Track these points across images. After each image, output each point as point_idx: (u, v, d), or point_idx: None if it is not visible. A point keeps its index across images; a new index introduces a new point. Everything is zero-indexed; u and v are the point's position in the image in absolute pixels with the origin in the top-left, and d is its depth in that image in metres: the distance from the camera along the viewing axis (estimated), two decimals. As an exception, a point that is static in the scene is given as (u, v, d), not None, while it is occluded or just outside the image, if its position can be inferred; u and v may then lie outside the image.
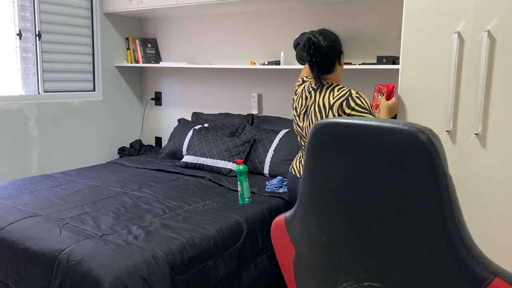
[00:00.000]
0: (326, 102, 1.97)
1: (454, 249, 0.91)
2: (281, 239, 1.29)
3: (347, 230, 1.04)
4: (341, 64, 2.08)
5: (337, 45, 2.03)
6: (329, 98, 1.97)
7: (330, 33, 2.03)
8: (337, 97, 1.95)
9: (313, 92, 2.05)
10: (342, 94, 1.95)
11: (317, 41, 1.98)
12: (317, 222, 1.11)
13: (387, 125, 0.95)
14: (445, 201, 0.91)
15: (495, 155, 1.94)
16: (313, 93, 2.05)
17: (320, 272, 1.14)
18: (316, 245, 1.12)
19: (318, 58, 1.99)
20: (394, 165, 0.94)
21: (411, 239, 0.95)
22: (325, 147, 1.05)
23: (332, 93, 1.98)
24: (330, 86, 2.01)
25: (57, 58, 3.52)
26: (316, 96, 2.03)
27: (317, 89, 2.05)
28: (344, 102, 1.93)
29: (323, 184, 1.07)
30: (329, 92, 1.99)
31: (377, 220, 0.99)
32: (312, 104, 2.03)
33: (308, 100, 2.06)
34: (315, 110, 2.00)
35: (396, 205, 0.96)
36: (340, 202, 1.04)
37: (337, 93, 1.96)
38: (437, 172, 0.90)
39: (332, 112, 1.95)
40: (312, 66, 2.02)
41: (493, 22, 1.89)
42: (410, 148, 0.92)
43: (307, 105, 2.06)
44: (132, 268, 1.64)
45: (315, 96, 2.03)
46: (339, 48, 2.04)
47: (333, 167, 1.05)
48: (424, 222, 0.93)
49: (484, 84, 1.93)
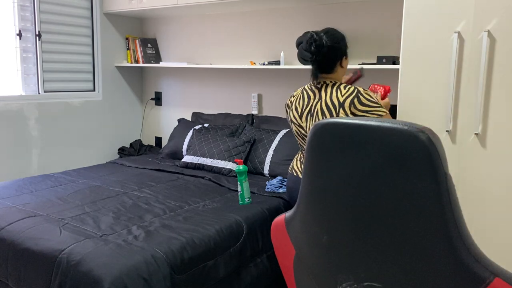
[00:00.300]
0: (335, 100, 1.94)
1: (454, 249, 0.91)
2: (281, 239, 1.29)
3: (347, 230, 1.04)
4: (343, 66, 2.06)
5: (341, 46, 2.01)
6: (337, 96, 1.95)
7: (337, 33, 2.01)
8: (346, 95, 1.93)
9: (317, 91, 2.02)
10: (350, 91, 1.93)
11: (319, 40, 1.97)
12: (317, 222, 1.11)
13: (387, 125, 0.95)
14: (445, 201, 0.91)
15: (495, 155, 1.94)
16: (317, 92, 2.02)
17: (320, 272, 1.14)
18: (316, 245, 1.13)
19: (318, 56, 1.98)
20: (394, 165, 0.94)
21: (411, 239, 0.95)
22: (325, 147, 1.05)
23: (340, 91, 1.95)
24: (335, 84, 1.99)
25: (57, 58, 3.52)
26: (322, 94, 2.00)
27: (321, 87, 2.02)
28: (355, 99, 1.90)
29: (323, 184, 1.07)
30: (336, 90, 1.96)
31: (377, 220, 0.99)
32: (318, 102, 2.00)
33: (311, 99, 2.03)
34: (323, 108, 1.97)
35: (396, 205, 0.96)
36: (340, 202, 1.04)
37: (345, 91, 1.94)
38: (437, 172, 0.90)
39: (344, 109, 1.91)
40: (312, 63, 2.02)
41: (493, 22, 1.89)
42: (410, 148, 0.92)
43: (311, 104, 2.02)
44: (132, 268, 1.64)
45: (320, 94, 2.00)
46: (343, 50, 2.03)
47: (333, 167, 1.05)
48: (424, 222, 0.93)
49: (484, 84, 1.93)
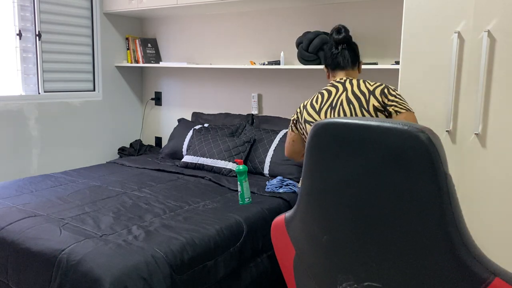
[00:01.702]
0: (364, 89, 1.87)
1: (454, 249, 0.91)
2: (281, 239, 1.29)
3: (347, 230, 1.04)
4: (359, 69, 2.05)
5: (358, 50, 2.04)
6: (366, 85, 1.88)
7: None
8: (376, 85, 1.87)
9: (341, 85, 1.93)
10: (378, 83, 1.88)
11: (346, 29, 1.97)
12: (317, 222, 1.11)
13: (387, 125, 0.95)
14: (445, 201, 0.91)
15: (495, 155, 1.94)
16: (340, 86, 1.93)
17: (320, 272, 1.14)
18: (316, 245, 1.13)
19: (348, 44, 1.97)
20: (394, 165, 0.94)
21: (411, 239, 0.95)
22: (325, 147, 1.05)
23: (367, 83, 1.90)
24: (359, 79, 1.94)
25: (57, 58, 3.52)
26: (347, 86, 1.91)
27: (344, 82, 1.94)
28: (385, 89, 1.85)
29: (323, 184, 1.08)
30: (362, 82, 1.91)
31: (377, 220, 0.99)
32: (343, 93, 1.91)
33: (333, 93, 1.93)
34: (349, 97, 1.88)
35: (396, 205, 0.96)
36: (340, 202, 1.04)
37: (373, 83, 1.89)
38: (437, 172, 0.90)
39: (375, 96, 1.84)
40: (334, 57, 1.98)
41: (493, 22, 1.89)
42: (410, 148, 0.92)
43: (333, 97, 1.92)
44: (132, 268, 1.64)
45: (345, 86, 1.92)
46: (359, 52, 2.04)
47: (333, 167, 1.05)
48: (424, 222, 0.93)
49: (484, 84, 1.93)
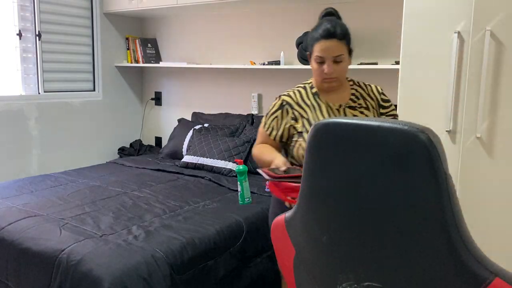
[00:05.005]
0: None
1: (454, 249, 0.91)
2: (281, 239, 1.29)
3: (347, 230, 1.04)
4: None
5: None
6: None
7: None
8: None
9: None
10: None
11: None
12: (317, 222, 1.11)
13: (387, 125, 0.95)
14: (445, 201, 0.91)
15: (495, 155, 1.94)
16: None
17: (320, 272, 1.14)
18: (316, 245, 1.12)
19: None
20: (394, 165, 0.94)
21: (411, 239, 0.95)
22: (325, 147, 1.05)
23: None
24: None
25: (57, 58, 3.52)
26: None
27: None
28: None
29: (323, 184, 1.07)
30: None
31: (376, 220, 0.99)
32: None
33: None
34: None
35: (396, 205, 0.96)
36: (340, 202, 1.04)
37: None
38: (437, 172, 0.90)
39: None
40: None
41: (493, 21, 1.89)
42: (410, 148, 0.92)
43: None
44: (132, 268, 1.64)
45: None
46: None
47: (333, 167, 1.05)
48: (424, 222, 0.93)
49: (485, 84, 1.93)
